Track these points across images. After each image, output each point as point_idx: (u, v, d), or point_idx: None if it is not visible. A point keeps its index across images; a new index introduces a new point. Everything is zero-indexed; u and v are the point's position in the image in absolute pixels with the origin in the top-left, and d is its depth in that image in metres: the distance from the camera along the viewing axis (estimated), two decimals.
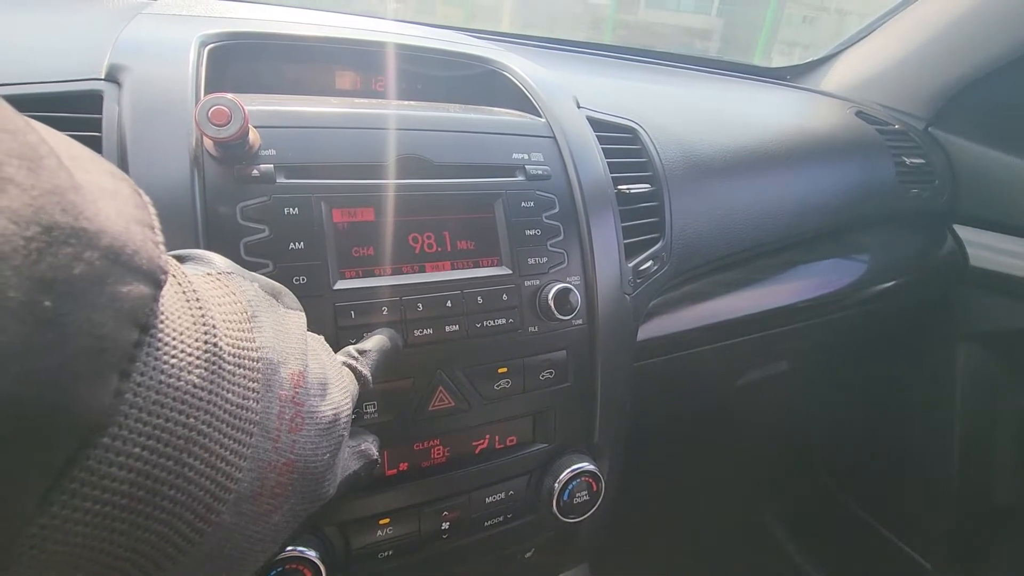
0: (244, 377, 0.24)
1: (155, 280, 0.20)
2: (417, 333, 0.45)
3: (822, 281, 0.88)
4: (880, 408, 1.20)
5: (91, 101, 0.43)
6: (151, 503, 0.21)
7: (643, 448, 0.79)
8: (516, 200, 0.51)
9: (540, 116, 0.57)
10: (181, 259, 0.29)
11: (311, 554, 0.42)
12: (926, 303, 1.04)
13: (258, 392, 0.25)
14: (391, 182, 0.46)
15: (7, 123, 0.17)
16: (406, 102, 0.56)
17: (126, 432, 0.19)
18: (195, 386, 0.21)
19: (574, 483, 0.53)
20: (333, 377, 0.33)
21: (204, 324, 0.23)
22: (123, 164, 0.40)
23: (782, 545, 1.29)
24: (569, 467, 0.53)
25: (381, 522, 0.47)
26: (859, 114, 1.01)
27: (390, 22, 0.68)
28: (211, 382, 0.22)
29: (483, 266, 0.49)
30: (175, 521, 0.22)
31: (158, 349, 0.20)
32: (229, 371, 0.23)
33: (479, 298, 0.47)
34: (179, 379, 0.21)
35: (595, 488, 0.54)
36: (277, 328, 0.28)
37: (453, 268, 0.47)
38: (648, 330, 0.65)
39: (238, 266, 0.30)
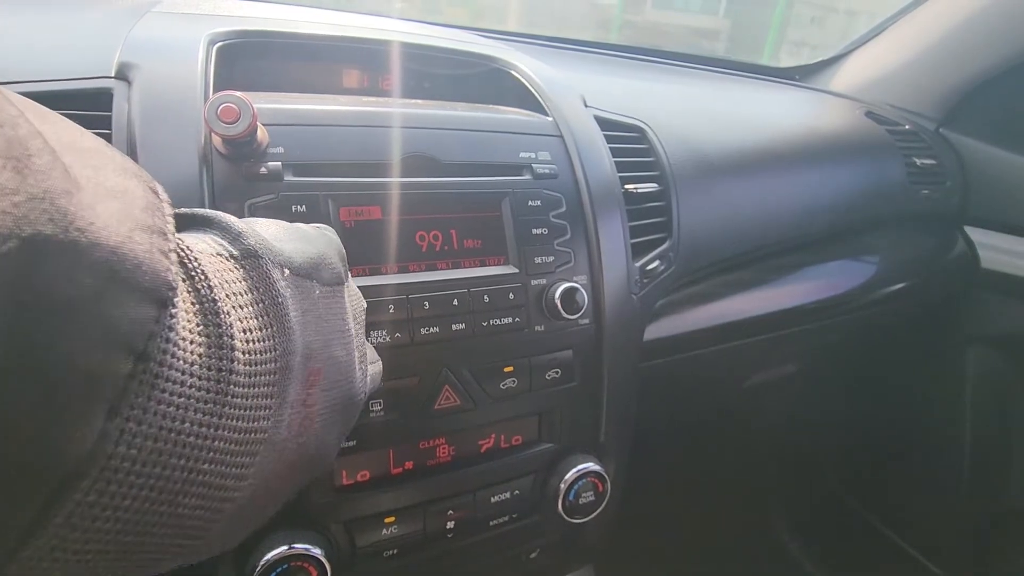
0: (258, 395, 0.21)
1: (159, 299, 0.17)
2: (423, 331, 0.45)
3: (830, 283, 0.87)
4: (889, 411, 1.19)
5: (101, 99, 0.43)
6: (139, 542, 0.19)
7: (649, 449, 0.79)
8: (523, 199, 0.51)
9: (547, 115, 0.57)
10: (201, 223, 0.25)
11: (317, 552, 0.42)
12: (936, 305, 1.03)
13: (271, 408, 0.22)
14: (398, 180, 0.46)
15: None
16: (413, 100, 0.56)
17: (110, 482, 0.16)
18: (201, 424, 0.19)
19: (580, 483, 0.53)
20: (357, 359, 0.30)
21: (220, 348, 0.20)
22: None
23: (789, 549, 1.28)
24: (575, 467, 0.53)
25: (387, 520, 0.47)
26: (869, 114, 1.00)
27: (397, 21, 0.68)
28: (219, 416, 0.20)
29: (490, 265, 0.49)
30: (165, 546, 0.20)
31: (160, 387, 0.17)
32: (241, 395, 0.20)
33: (485, 297, 0.47)
34: (183, 420, 0.18)
35: (601, 488, 0.54)
36: (306, 320, 0.25)
37: (460, 267, 0.47)
38: (654, 330, 0.65)
39: (267, 239, 0.25)
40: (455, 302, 0.46)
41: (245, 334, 0.21)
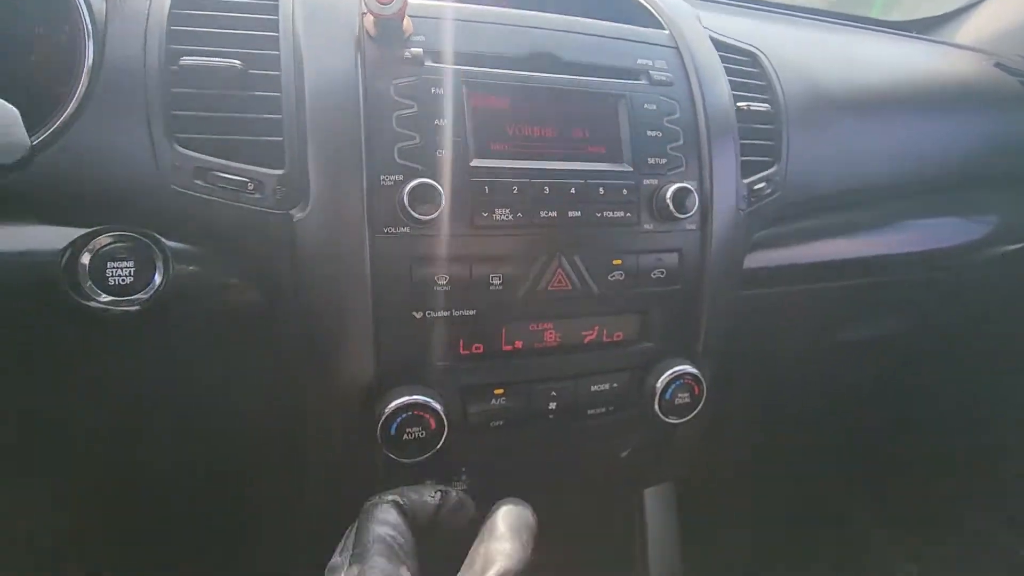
0: None
1: None
2: (543, 214, 0.48)
3: (936, 234, 0.83)
4: (1000, 393, 1.11)
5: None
6: None
7: (733, 399, 0.79)
8: (639, 102, 0.52)
9: (663, 28, 0.58)
10: None
11: (436, 405, 0.46)
12: None
13: None
14: (524, 74, 0.49)
15: None
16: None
17: None
18: None
19: (677, 383, 0.54)
20: None
21: None
22: (297, 50, 0.45)
23: (867, 532, 1.22)
24: (672, 368, 0.54)
25: (496, 392, 0.50)
26: (998, 65, 0.93)
27: None
28: None
29: (606, 161, 0.51)
30: None
31: None
32: None
33: (601, 189, 0.50)
34: None
35: (697, 391, 0.55)
36: None
37: (577, 160, 0.50)
38: (753, 260, 0.65)
39: None
40: (572, 190, 0.49)
41: None
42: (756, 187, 0.60)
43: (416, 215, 0.43)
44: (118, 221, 0.43)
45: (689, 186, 0.51)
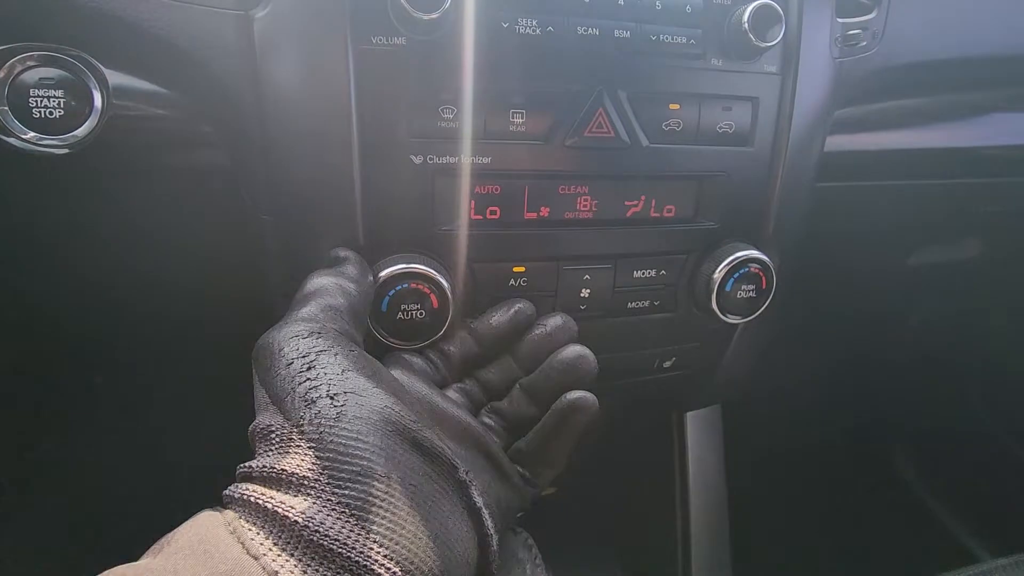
0: None
1: None
2: (580, 31, 0.36)
3: None
4: None
5: None
6: None
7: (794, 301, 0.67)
8: None
9: None
10: None
11: (440, 279, 0.36)
12: None
13: None
14: None
15: None
16: None
17: None
18: None
19: (740, 272, 0.43)
20: None
21: None
22: None
23: (919, 494, 1.10)
24: (735, 253, 0.43)
25: (515, 270, 0.40)
26: None
27: None
28: None
29: None
30: None
31: None
32: None
33: (657, 2, 0.38)
34: None
35: (764, 284, 0.44)
36: None
37: None
38: (835, 143, 0.53)
39: None
40: (621, 1, 0.37)
41: None
42: (851, 32, 0.48)
43: (413, 13, 0.32)
44: (39, 38, 0.34)
45: (775, 4, 0.39)
